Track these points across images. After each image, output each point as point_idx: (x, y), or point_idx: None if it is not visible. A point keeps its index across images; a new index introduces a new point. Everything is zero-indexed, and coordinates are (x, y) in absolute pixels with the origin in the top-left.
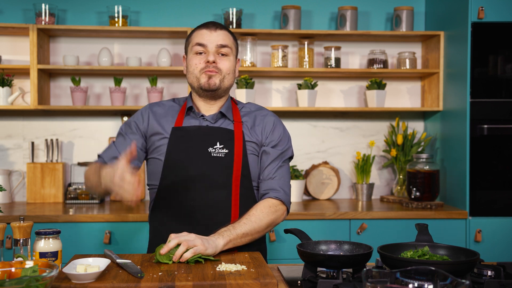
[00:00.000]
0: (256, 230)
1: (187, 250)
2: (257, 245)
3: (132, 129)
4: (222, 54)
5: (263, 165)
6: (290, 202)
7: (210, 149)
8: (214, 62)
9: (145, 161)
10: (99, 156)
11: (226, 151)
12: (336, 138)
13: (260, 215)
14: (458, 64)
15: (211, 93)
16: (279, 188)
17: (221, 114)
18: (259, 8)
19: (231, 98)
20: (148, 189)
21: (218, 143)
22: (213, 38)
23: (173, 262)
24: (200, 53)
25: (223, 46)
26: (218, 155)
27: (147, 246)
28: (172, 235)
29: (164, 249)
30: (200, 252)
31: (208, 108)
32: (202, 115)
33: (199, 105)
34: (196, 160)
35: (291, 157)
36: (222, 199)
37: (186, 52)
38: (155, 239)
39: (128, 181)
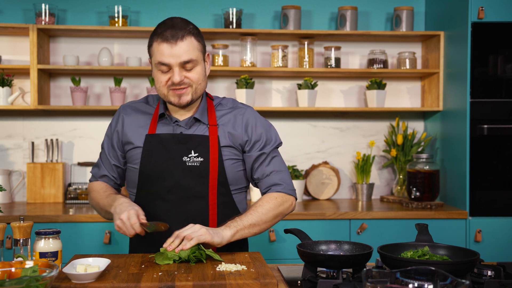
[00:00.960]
0: (263, 220)
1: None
2: (242, 247)
3: (112, 142)
4: (188, 69)
5: (255, 166)
6: (295, 190)
7: (185, 158)
8: (181, 81)
9: None
10: (91, 173)
11: (201, 159)
12: (336, 138)
13: (266, 206)
14: (458, 64)
15: (183, 107)
16: (279, 181)
17: (196, 119)
18: (259, 8)
19: (207, 94)
20: (128, 193)
21: (192, 152)
22: (175, 54)
23: (174, 262)
24: (164, 71)
25: (187, 62)
26: (193, 164)
27: (128, 245)
28: (176, 232)
29: (171, 247)
30: (206, 240)
31: (182, 113)
32: (176, 121)
33: (172, 110)
34: (171, 171)
35: (279, 145)
36: (199, 210)
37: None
38: (136, 240)
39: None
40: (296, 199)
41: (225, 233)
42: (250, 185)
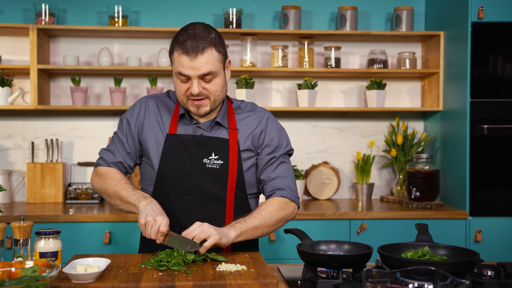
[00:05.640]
0: (266, 224)
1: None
2: (250, 247)
3: (130, 131)
4: (207, 80)
5: (263, 168)
6: (298, 198)
7: (205, 160)
8: (199, 93)
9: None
10: (101, 157)
11: (221, 162)
12: (336, 138)
13: (270, 210)
14: (458, 64)
15: (202, 116)
16: (285, 186)
17: (217, 122)
18: (259, 8)
19: (227, 98)
20: (141, 189)
21: (213, 154)
22: (195, 66)
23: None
24: (184, 81)
25: (206, 74)
26: (213, 166)
27: (139, 245)
28: (184, 232)
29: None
30: (215, 242)
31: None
32: (196, 122)
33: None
34: (190, 172)
35: (290, 153)
36: (216, 212)
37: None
38: (146, 240)
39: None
40: (298, 207)
41: (230, 234)
42: None
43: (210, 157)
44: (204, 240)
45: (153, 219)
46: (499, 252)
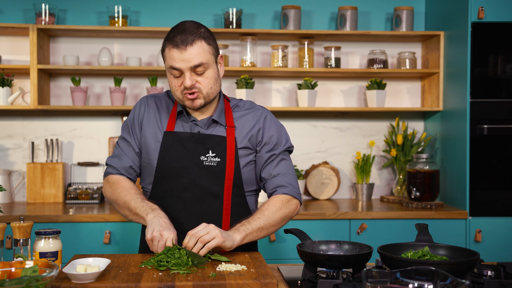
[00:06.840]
0: (270, 224)
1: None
2: (252, 248)
3: (135, 130)
4: (199, 73)
5: (264, 166)
6: (300, 194)
7: (202, 158)
8: (192, 85)
9: None
10: (109, 165)
11: (218, 159)
12: (336, 138)
13: (273, 209)
14: (458, 64)
15: (197, 109)
16: (286, 183)
17: (214, 120)
18: (259, 8)
19: (224, 96)
20: (141, 188)
21: (210, 152)
22: (185, 59)
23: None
24: (176, 75)
25: (197, 66)
26: (210, 164)
27: (139, 245)
28: (189, 232)
29: (187, 246)
30: (218, 244)
31: (199, 113)
32: (194, 120)
33: (189, 110)
34: (188, 169)
35: (290, 150)
36: (213, 209)
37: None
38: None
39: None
40: (300, 203)
41: (235, 237)
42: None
43: (207, 155)
44: (210, 252)
45: (160, 234)
46: (499, 252)
